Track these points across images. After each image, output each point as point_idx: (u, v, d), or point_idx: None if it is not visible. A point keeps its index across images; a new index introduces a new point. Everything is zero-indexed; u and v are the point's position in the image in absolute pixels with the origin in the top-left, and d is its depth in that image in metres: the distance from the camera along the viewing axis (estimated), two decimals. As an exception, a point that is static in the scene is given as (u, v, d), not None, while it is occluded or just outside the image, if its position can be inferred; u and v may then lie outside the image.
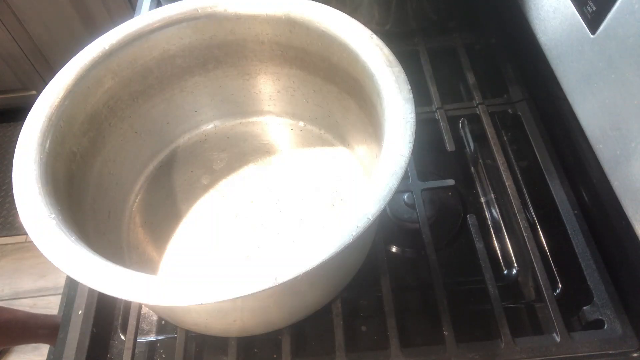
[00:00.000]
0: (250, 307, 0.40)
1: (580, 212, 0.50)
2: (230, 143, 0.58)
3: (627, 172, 0.40)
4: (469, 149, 0.61)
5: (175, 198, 0.54)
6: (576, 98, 0.46)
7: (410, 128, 0.37)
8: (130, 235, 0.51)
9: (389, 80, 0.40)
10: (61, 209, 0.37)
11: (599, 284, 0.46)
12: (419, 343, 0.46)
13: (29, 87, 1.66)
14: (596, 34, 0.41)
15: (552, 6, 0.49)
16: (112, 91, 0.47)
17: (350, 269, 0.46)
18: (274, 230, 0.50)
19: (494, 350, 0.43)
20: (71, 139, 0.43)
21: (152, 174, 0.55)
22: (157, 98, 0.53)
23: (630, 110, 0.38)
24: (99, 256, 0.34)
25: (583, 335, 0.43)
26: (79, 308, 0.48)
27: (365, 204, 0.33)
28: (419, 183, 0.54)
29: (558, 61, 0.49)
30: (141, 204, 0.53)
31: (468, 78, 0.63)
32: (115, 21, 0.46)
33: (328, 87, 0.52)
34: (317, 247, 0.32)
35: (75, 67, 0.44)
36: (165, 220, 0.52)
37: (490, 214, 0.56)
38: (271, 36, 0.50)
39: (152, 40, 0.48)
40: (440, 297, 0.45)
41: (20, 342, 1.17)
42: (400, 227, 0.55)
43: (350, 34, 0.44)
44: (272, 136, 0.58)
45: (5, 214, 1.61)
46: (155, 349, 0.49)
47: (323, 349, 0.47)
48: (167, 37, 0.48)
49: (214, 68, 0.54)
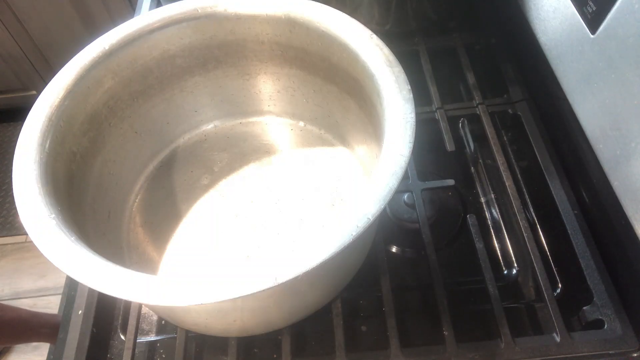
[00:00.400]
0: (250, 307, 0.40)
1: (580, 212, 0.50)
2: (230, 143, 0.58)
3: (627, 172, 0.40)
4: (469, 149, 0.61)
5: (175, 198, 0.54)
6: (576, 98, 0.46)
7: (410, 128, 0.37)
8: (130, 235, 0.51)
9: (389, 80, 0.40)
10: (61, 209, 0.37)
11: (599, 284, 0.46)
12: (419, 343, 0.46)
13: (29, 87, 1.66)
14: (596, 34, 0.41)
15: (552, 6, 0.49)
16: (112, 91, 0.47)
17: (350, 269, 0.46)
18: (274, 230, 0.50)
19: (494, 350, 0.43)
20: (71, 139, 0.43)
21: (152, 174, 0.55)
22: (157, 98, 0.53)
23: (630, 110, 0.38)
24: (99, 256, 0.34)
25: (583, 335, 0.43)
26: (79, 308, 0.48)
27: (365, 204, 0.33)
28: (419, 183, 0.54)
29: (558, 61, 0.49)
30: (141, 204, 0.53)
31: (468, 78, 0.63)
32: (115, 21, 0.46)
33: (328, 87, 0.52)
34: (317, 247, 0.32)
35: (75, 67, 0.44)
36: (165, 220, 0.52)
37: (490, 214, 0.56)
38: (271, 36, 0.50)
39: (152, 40, 0.48)
40: (440, 297, 0.45)
41: (23, 340, 1.16)
42: (400, 227, 0.55)
43: (350, 34, 0.44)
44: (272, 136, 0.58)
45: (5, 214, 1.61)
46: (155, 349, 0.49)
47: (323, 349, 0.47)
48: (167, 37, 0.48)
49: (214, 68, 0.54)
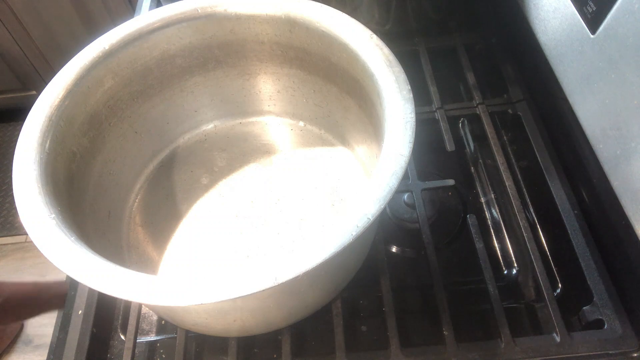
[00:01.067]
0: (250, 307, 0.40)
1: (580, 212, 0.50)
2: (230, 143, 0.58)
3: (627, 172, 0.40)
4: (469, 149, 0.61)
5: (175, 198, 0.54)
6: (576, 98, 0.46)
7: (410, 128, 0.37)
8: (130, 235, 0.51)
9: (389, 80, 0.40)
10: (61, 209, 0.37)
11: (599, 284, 0.46)
12: (419, 343, 0.46)
13: (29, 87, 1.66)
14: (596, 34, 0.41)
15: (552, 6, 0.49)
16: (112, 91, 0.47)
17: (350, 269, 0.46)
18: (274, 230, 0.50)
19: (494, 350, 0.43)
20: (71, 139, 0.43)
21: (152, 174, 0.55)
22: (157, 98, 0.53)
23: (630, 110, 0.38)
24: (99, 256, 0.34)
25: (583, 335, 0.43)
26: (79, 308, 0.48)
27: (365, 204, 0.33)
28: (419, 183, 0.54)
29: (558, 61, 0.49)
30: (141, 204, 0.53)
31: (468, 78, 0.63)
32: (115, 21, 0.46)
33: (328, 87, 0.52)
34: (317, 247, 0.32)
35: (75, 67, 0.44)
36: (165, 220, 0.52)
37: (490, 214, 0.56)
38: (271, 36, 0.50)
39: (152, 40, 0.48)
40: (440, 297, 0.45)
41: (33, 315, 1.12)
42: (400, 227, 0.55)
43: (350, 34, 0.44)
44: (272, 136, 0.58)
45: (5, 214, 1.61)
46: (155, 349, 0.49)
47: (323, 349, 0.47)
48: (167, 37, 0.48)
49: (214, 68, 0.54)
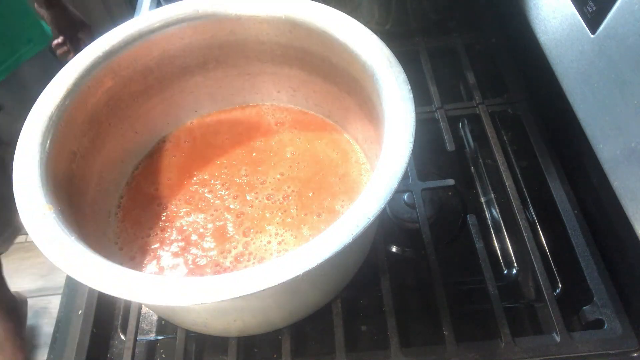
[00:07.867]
0: (250, 306, 0.40)
1: (580, 212, 0.50)
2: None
3: (627, 172, 0.40)
4: (469, 148, 0.61)
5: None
6: (576, 98, 0.46)
7: (410, 128, 0.37)
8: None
9: (389, 80, 0.40)
10: (61, 209, 0.37)
11: (599, 284, 0.46)
12: (419, 343, 0.46)
13: (29, 87, 1.66)
14: (596, 34, 0.41)
15: (552, 6, 0.49)
16: (112, 91, 0.47)
17: (350, 269, 0.46)
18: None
19: (494, 350, 0.43)
20: (71, 139, 0.43)
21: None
22: (157, 98, 0.53)
23: (630, 110, 0.38)
24: (99, 256, 0.34)
25: (583, 335, 0.43)
26: (79, 308, 0.48)
27: (365, 204, 0.33)
28: (419, 183, 0.54)
29: (558, 61, 0.49)
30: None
31: (468, 78, 0.63)
32: (115, 21, 0.46)
33: (328, 87, 0.52)
34: (317, 247, 0.32)
35: (76, 67, 0.44)
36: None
37: (490, 213, 0.56)
38: (271, 36, 0.50)
39: (152, 40, 0.48)
40: (440, 297, 0.45)
41: None
42: (400, 227, 0.55)
43: (350, 34, 0.44)
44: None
45: (5, 214, 1.60)
46: (155, 349, 0.49)
47: (323, 349, 0.47)
48: (167, 37, 0.48)
49: (214, 68, 0.54)
